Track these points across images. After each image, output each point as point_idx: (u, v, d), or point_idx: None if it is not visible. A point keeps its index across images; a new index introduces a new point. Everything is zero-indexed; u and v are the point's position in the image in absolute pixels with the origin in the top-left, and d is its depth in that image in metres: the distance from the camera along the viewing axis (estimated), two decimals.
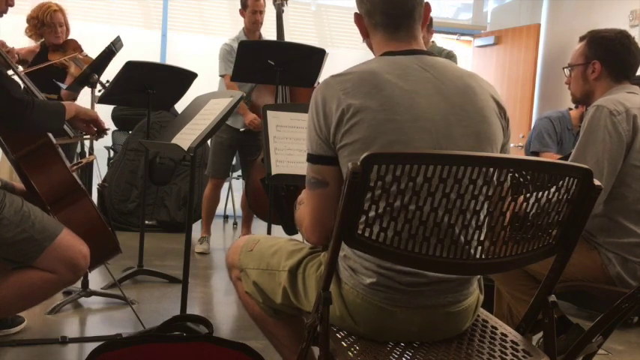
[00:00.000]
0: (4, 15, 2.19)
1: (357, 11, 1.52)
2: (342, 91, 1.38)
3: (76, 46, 3.92)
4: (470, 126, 1.41)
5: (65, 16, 3.94)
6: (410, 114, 1.37)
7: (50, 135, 2.10)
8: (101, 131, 2.28)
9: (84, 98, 3.50)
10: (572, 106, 4.53)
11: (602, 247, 2.07)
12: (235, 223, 5.80)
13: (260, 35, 4.30)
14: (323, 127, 1.40)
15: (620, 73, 2.16)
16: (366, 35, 1.55)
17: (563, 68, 2.32)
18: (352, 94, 1.37)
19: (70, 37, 3.99)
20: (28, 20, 3.89)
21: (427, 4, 1.51)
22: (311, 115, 1.43)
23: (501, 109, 1.49)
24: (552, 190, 1.29)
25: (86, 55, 3.88)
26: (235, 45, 4.12)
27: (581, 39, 2.24)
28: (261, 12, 4.22)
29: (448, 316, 1.46)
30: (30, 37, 3.97)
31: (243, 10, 4.23)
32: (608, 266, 2.04)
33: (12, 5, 2.19)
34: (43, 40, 3.94)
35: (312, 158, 1.44)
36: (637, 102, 2.09)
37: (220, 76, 4.25)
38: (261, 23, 4.24)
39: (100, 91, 3.26)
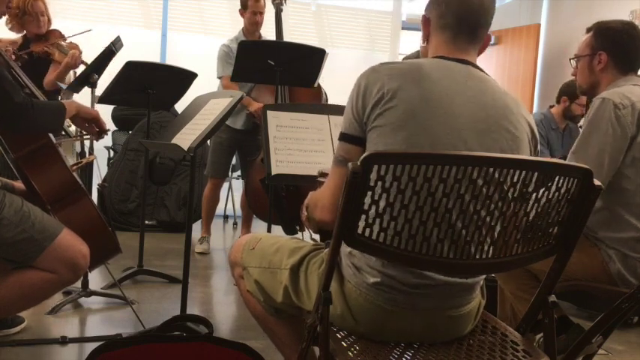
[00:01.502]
0: None
1: (426, 14, 1.56)
2: (388, 76, 1.40)
3: (59, 35, 3.87)
4: (499, 140, 1.42)
5: (46, 6, 3.87)
6: (444, 110, 1.38)
7: (50, 135, 2.10)
8: (102, 131, 2.28)
9: (84, 98, 3.50)
10: (554, 103, 4.54)
11: (603, 244, 2.07)
12: (235, 223, 5.80)
13: (260, 36, 4.29)
14: (360, 108, 1.42)
15: (625, 65, 2.16)
16: (426, 39, 1.58)
17: (570, 59, 2.31)
18: (395, 79, 1.39)
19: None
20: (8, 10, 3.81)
21: (489, 35, 1.56)
22: (351, 97, 1.45)
23: (534, 138, 1.51)
24: (552, 189, 1.29)
25: (70, 42, 3.84)
26: (234, 46, 4.12)
27: (588, 30, 2.23)
28: (262, 13, 4.20)
29: (449, 320, 1.46)
30: (10, 29, 3.86)
31: (243, 10, 4.21)
32: (609, 263, 2.04)
33: (10, 8, 2.19)
34: (24, 33, 3.87)
35: (343, 137, 1.47)
36: None
37: (218, 77, 4.24)
38: (261, 24, 4.23)
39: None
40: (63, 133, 2.51)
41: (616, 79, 2.16)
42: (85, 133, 2.31)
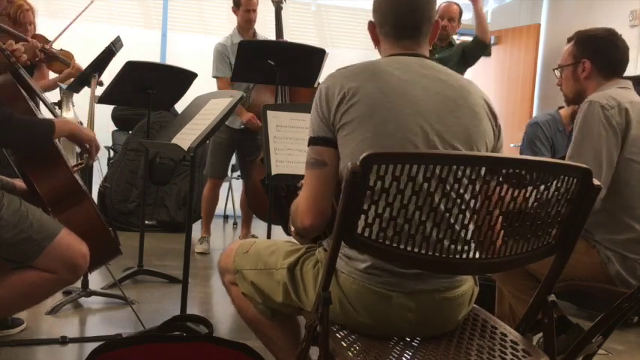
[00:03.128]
0: None
1: (371, 20, 1.61)
2: (345, 78, 1.47)
3: (43, 40, 3.88)
4: (461, 117, 1.47)
5: (34, 15, 3.87)
6: (405, 99, 1.44)
7: None
8: (90, 156, 2.12)
9: (84, 98, 3.50)
10: (563, 104, 4.52)
11: (601, 245, 2.07)
12: (235, 223, 5.81)
13: (254, 32, 4.30)
14: (325, 110, 1.47)
15: (609, 70, 2.19)
16: (377, 43, 1.64)
17: (554, 70, 2.34)
18: (353, 79, 1.46)
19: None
20: None
21: (437, 21, 1.59)
22: (315, 103, 1.50)
23: (493, 113, 1.55)
24: (552, 189, 1.30)
25: (62, 50, 3.84)
26: (228, 44, 4.14)
27: (569, 40, 2.28)
28: (254, 10, 4.21)
29: (443, 303, 1.46)
30: None
31: (236, 8, 4.22)
32: (608, 265, 2.05)
33: (12, 2, 2.18)
34: None
35: (312, 140, 1.51)
36: (628, 96, 2.11)
37: (213, 77, 4.24)
38: (254, 21, 4.24)
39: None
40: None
41: (601, 84, 2.19)
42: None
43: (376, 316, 1.46)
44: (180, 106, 3.25)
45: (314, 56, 3.53)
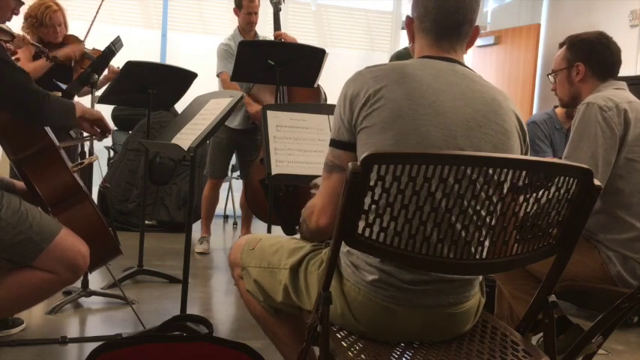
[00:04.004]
0: None
1: (410, 15, 1.55)
2: (373, 79, 1.42)
3: (77, 40, 3.88)
4: (489, 134, 1.42)
5: (64, 15, 3.86)
6: (432, 109, 1.38)
7: (53, 137, 2.09)
8: (105, 131, 2.26)
9: (84, 98, 3.50)
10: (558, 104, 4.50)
11: (602, 245, 2.07)
12: (235, 223, 5.80)
13: (255, 34, 4.30)
14: (347, 111, 1.43)
15: (603, 72, 2.21)
16: (412, 40, 1.58)
17: (548, 75, 2.35)
18: (381, 80, 1.41)
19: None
20: (26, 18, 3.76)
21: (477, 27, 1.53)
22: (339, 102, 1.46)
23: (522, 130, 1.50)
24: (552, 189, 1.30)
25: (94, 49, 3.85)
26: (232, 44, 4.14)
27: (561, 45, 2.29)
28: (256, 13, 4.22)
29: (449, 318, 1.46)
30: (26, 34, 3.90)
31: (238, 9, 4.22)
32: (609, 265, 2.05)
33: (17, 14, 2.19)
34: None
35: (333, 143, 1.48)
36: (625, 97, 2.13)
37: (217, 75, 4.24)
38: (256, 23, 4.24)
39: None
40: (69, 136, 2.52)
41: (596, 86, 2.21)
42: (87, 134, 2.29)
43: (377, 328, 1.45)
44: (180, 106, 3.25)
45: (314, 56, 3.53)
